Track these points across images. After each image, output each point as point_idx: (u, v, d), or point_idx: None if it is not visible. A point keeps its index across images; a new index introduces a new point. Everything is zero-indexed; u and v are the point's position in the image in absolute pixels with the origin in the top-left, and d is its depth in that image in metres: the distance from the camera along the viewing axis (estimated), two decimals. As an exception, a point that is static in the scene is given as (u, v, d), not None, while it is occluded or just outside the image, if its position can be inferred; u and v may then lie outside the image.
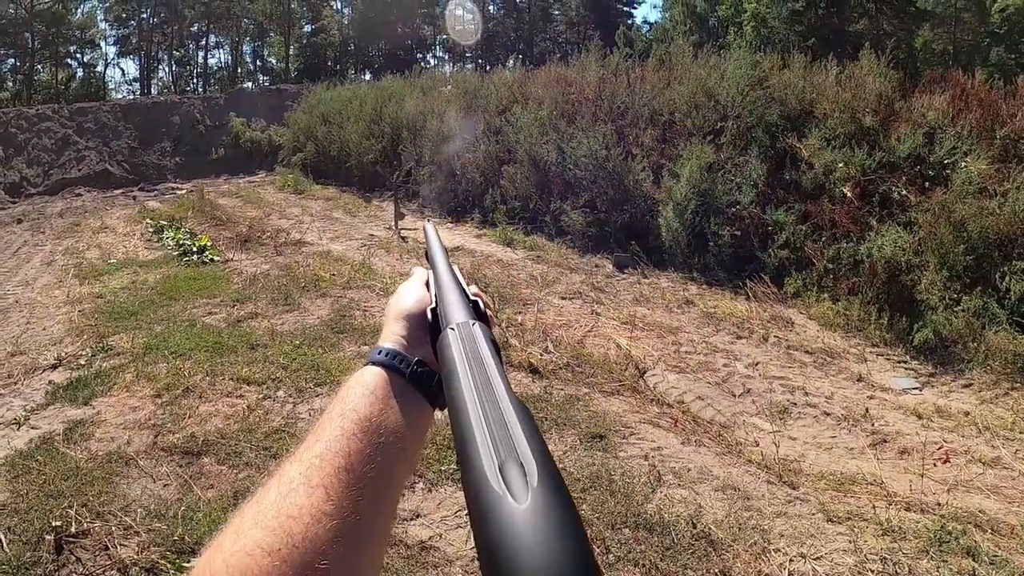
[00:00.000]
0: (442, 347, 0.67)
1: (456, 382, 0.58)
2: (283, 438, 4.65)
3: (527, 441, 0.48)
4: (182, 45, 51.42)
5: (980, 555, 3.52)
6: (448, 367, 0.62)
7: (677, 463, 4.44)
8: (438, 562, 3.48)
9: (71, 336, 6.96)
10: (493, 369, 0.59)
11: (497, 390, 0.55)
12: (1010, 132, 8.18)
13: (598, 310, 7.89)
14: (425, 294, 0.86)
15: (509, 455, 0.46)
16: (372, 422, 0.69)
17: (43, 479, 4.14)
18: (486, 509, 0.43)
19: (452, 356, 0.63)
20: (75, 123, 23.70)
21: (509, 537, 0.40)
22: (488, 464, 0.46)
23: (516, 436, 0.49)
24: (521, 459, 0.46)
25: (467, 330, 0.68)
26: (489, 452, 0.47)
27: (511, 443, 0.48)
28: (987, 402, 5.78)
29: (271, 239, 11.50)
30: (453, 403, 0.56)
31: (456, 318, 0.71)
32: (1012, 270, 6.83)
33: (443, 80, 19.57)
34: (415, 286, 0.89)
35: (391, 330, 0.83)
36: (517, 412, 0.52)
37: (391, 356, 0.77)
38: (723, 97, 10.75)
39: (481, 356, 0.62)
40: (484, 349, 0.63)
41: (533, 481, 0.43)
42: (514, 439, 0.48)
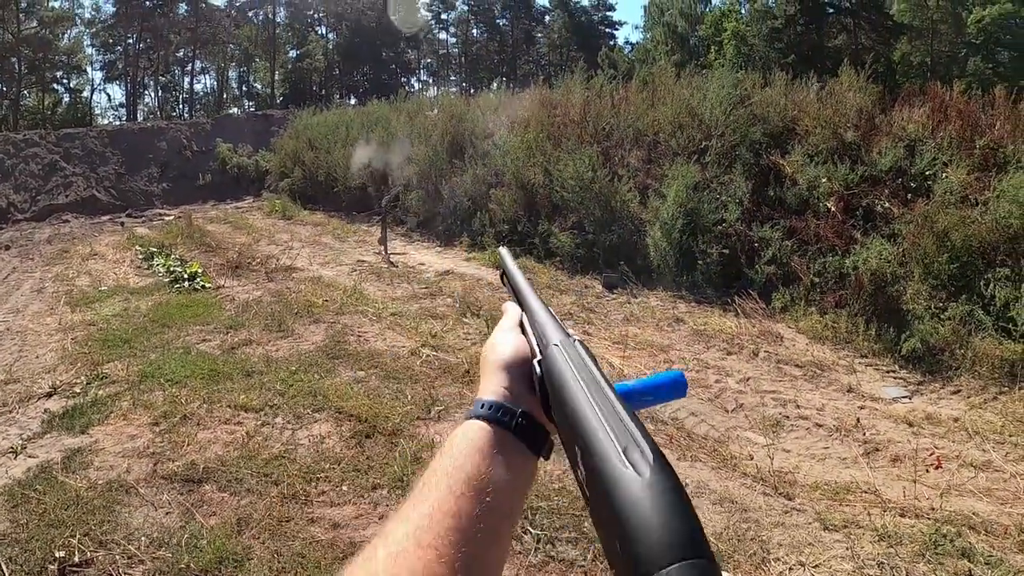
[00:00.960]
0: (549, 364, 0.72)
1: (569, 390, 0.65)
2: (283, 464, 4.67)
3: (640, 431, 0.56)
4: (168, 70, 51.48)
5: (975, 556, 3.58)
6: (559, 379, 0.68)
7: (674, 478, 4.47)
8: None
9: (65, 364, 6.93)
10: (598, 374, 0.66)
11: (606, 391, 0.63)
12: (989, 141, 8.32)
13: (589, 331, 7.93)
14: (522, 342, 0.86)
15: (628, 442, 0.54)
16: (480, 480, 0.69)
17: (43, 508, 4.13)
18: (616, 482, 0.51)
19: (561, 368, 0.69)
20: (62, 149, 23.65)
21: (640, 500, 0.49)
22: (613, 450, 0.54)
23: (630, 427, 0.56)
24: (639, 444, 0.54)
25: (570, 347, 0.73)
26: (612, 441, 0.55)
27: (627, 432, 0.56)
28: (976, 407, 5.85)
29: (261, 265, 11.50)
30: (569, 409, 0.63)
31: (555, 336, 0.77)
32: (996, 277, 6.93)
33: (428, 104, 19.66)
34: (510, 334, 0.88)
35: (492, 381, 0.81)
36: (628, 410, 0.59)
37: (495, 409, 0.76)
38: (706, 116, 10.86)
39: (589, 370, 0.68)
40: (588, 361, 0.70)
41: (649, 459, 0.52)
42: (629, 429, 0.56)
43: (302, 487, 4.36)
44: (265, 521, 3.97)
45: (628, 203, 10.74)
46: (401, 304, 8.94)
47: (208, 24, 50.20)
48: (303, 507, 4.14)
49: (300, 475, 4.50)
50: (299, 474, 4.51)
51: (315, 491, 4.33)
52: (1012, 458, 4.96)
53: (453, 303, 8.84)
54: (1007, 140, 8.32)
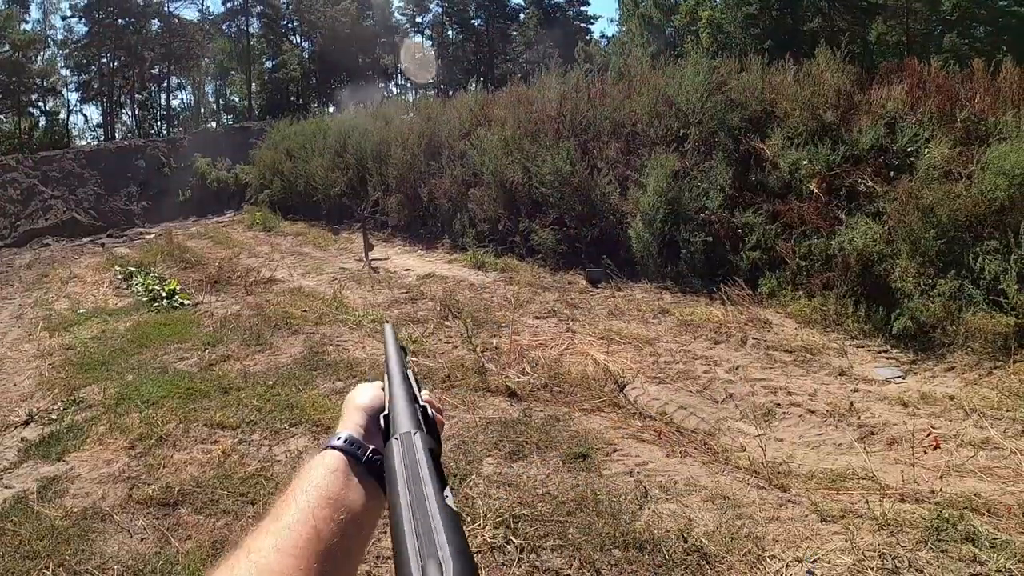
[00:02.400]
0: (386, 455, 0.74)
1: (394, 490, 0.66)
2: (260, 482, 4.55)
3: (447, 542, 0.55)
4: (144, 88, 51.15)
5: (980, 539, 3.47)
6: (390, 476, 0.70)
7: (663, 476, 4.36)
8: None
9: (42, 390, 6.79)
10: (426, 477, 0.66)
11: (428, 498, 0.62)
12: (970, 114, 8.29)
13: (573, 327, 7.84)
14: (380, 395, 0.95)
15: (431, 556, 0.54)
16: (335, 498, 0.76)
17: (18, 540, 4.02)
18: None
19: (393, 465, 0.70)
20: (40, 172, 23.46)
21: None
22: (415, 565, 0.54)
23: (440, 539, 0.56)
24: (441, 560, 0.53)
25: (408, 440, 0.74)
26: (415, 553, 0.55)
27: (434, 545, 0.55)
28: (971, 384, 5.78)
29: (241, 279, 11.37)
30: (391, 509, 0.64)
31: (401, 427, 0.78)
32: (984, 250, 6.87)
33: (404, 108, 19.57)
34: (374, 388, 0.99)
35: (350, 419, 0.90)
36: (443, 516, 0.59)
37: (350, 443, 0.84)
38: (683, 104, 10.80)
39: (418, 465, 0.69)
40: (421, 458, 0.70)
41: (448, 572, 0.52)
42: (437, 542, 0.55)
43: (279, 506, 4.22)
44: (240, 540, 3.82)
45: (608, 196, 10.67)
46: (382, 310, 8.84)
47: (182, 39, 49.94)
48: (280, 527, 4.00)
49: (276, 493, 4.35)
50: (276, 492, 4.36)
51: (292, 510, 4.19)
52: (1011, 434, 4.88)
53: (434, 307, 8.73)
54: (988, 112, 8.30)
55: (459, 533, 0.57)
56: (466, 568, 0.53)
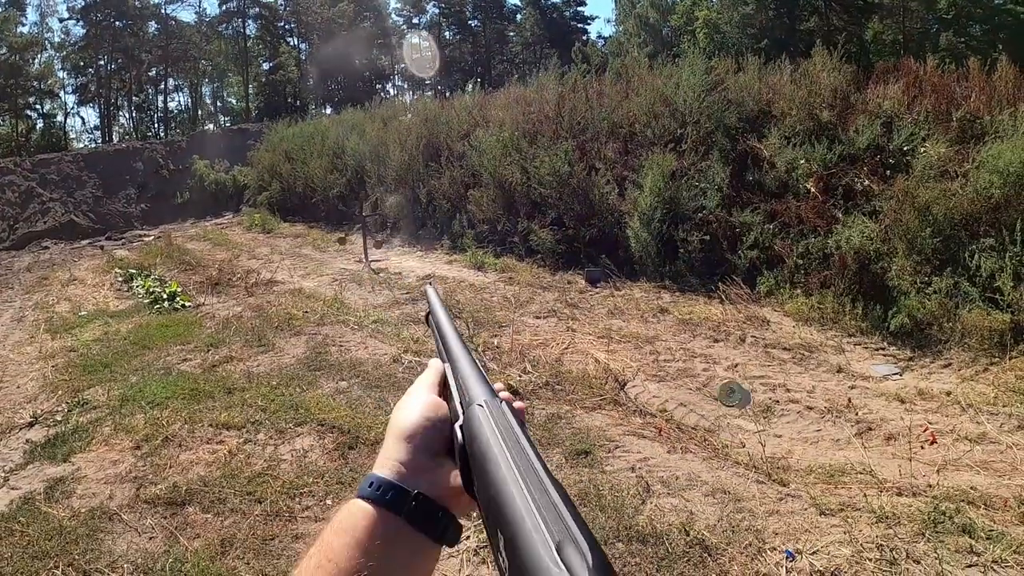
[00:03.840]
0: (470, 426, 0.64)
1: (492, 461, 0.56)
2: (266, 481, 4.57)
3: (577, 523, 0.46)
4: (141, 90, 51.05)
5: (976, 531, 3.53)
6: (482, 448, 0.60)
7: (665, 472, 4.42)
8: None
9: (46, 392, 6.81)
10: (529, 450, 0.57)
11: (538, 471, 0.53)
12: (966, 113, 8.33)
13: (574, 326, 7.88)
14: (436, 404, 0.75)
15: (564, 536, 0.45)
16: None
17: (27, 540, 4.03)
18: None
19: (486, 437, 0.60)
20: (38, 175, 23.44)
21: None
22: (544, 546, 0.45)
23: (566, 517, 0.47)
24: (575, 540, 0.45)
25: (496, 408, 0.64)
26: (544, 534, 0.46)
27: (563, 525, 0.46)
28: (967, 380, 5.83)
29: (242, 280, 11.39)
30: (491, 483, 0.54)
31: (480, 395, 0.67)
32: (980, 248, 6.92)
33: (402, 109, 19.59)
34: (423, 394, 0.77)
35: (388, 453, 0.71)
36: (560, 494, 0.50)
37: (384, 490, 0.67)
38: (680, 104, 10.85)
39: (516, 435, 0.59)
40: (517, 428, 0.61)
41: (588, 560, 0.43)
42: (565, 520, 0.47)
43: (286, 504, 4.27)
44: (249, 541, 3.88)
45: (607, 196, 10.71)
46: (382, 311, 8.86)
47: (179, 41, 49.88)
48: (287, 524, 4.05)
49: (284, 491, 4.41)
50: (282, 490, 4.41)
51: (299, 507, 4.24)
52: (1007, 429, 4.93)
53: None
54: (983, 111, 8.33)
55: (578, 512, 0.49)
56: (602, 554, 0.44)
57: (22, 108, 45.10)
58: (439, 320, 0.94)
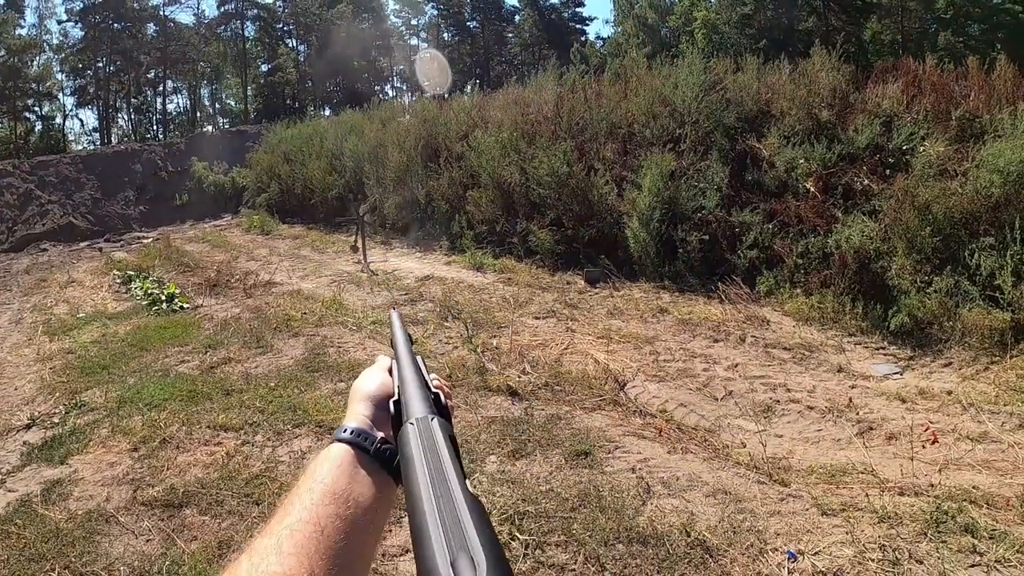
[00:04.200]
0: (402, 441, 0.70)
1: (413, 477, 0.62)
2: (264, 483, 4.56)
3: (478, 535, 0.51)
4: (140, 92, 51.13)
5: (978, 531, 3.51)
6: (406, 462, 0.65)
7: (665, 473, 4.40)
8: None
9: (43, 394, 6.80)
10: (448, 464, 0.62)
11: (451, 485, 0.58)
12: (965, 112, 8.32)
13: (573, 327, 7.86)
14: (388, 380, 0.91)
15: (461, 549, 0.49)
16: (340, 494, 0.73)
17: (23, 543, 4.02)
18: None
19: (411, 452, 0.66)
20: (36, 177, 23.42)
21: None
22: (441, 559, 0.49)
23: (468, 530, 0.51)
24: (472, 553, 0.49)
25: (425, 425, 0.70)
26: (442, 547, 0.50)
27: (463, 537, 0.51)
28: (968, 379, 5.82)
29: (240, 282, 11.38)
30: (410, 498, 0.59)
31: (416, 412, 0.74)
32: (980, 247, 6.90)
33: (401, 110, 19.58)
34: (378, 372, 0.94)
35: (356, 410, 0.87)
36: (470, 506, 0.55)
37: (356, 434, 0.81)
38: (679, 104, 10.84)
39: (438, 451, 0.64)
40: (441, 444, 0.66)
41: (481, 572, 0.47)
42: (466, 534, 0.51)
43: (284, 506, 4.24)
44: (247, 543, 3.84)
45: (606, 196, 10.69)
46: (381, 312, 8.84)
47: (177, 43, 49.91)
48: (285, 526, 4.02)
49: (281, 493, 4.38)
50: (280, 492, 4.39)
51: (297, 509, 4.21)
52: (1008, 428, 4.91)
53: (434, 308, 8.75)
54: (983, 110, 8.32)
55: (487, 524, 0.53)
56: (500, 562, 0.48)
57: (20, 110, 45.11)
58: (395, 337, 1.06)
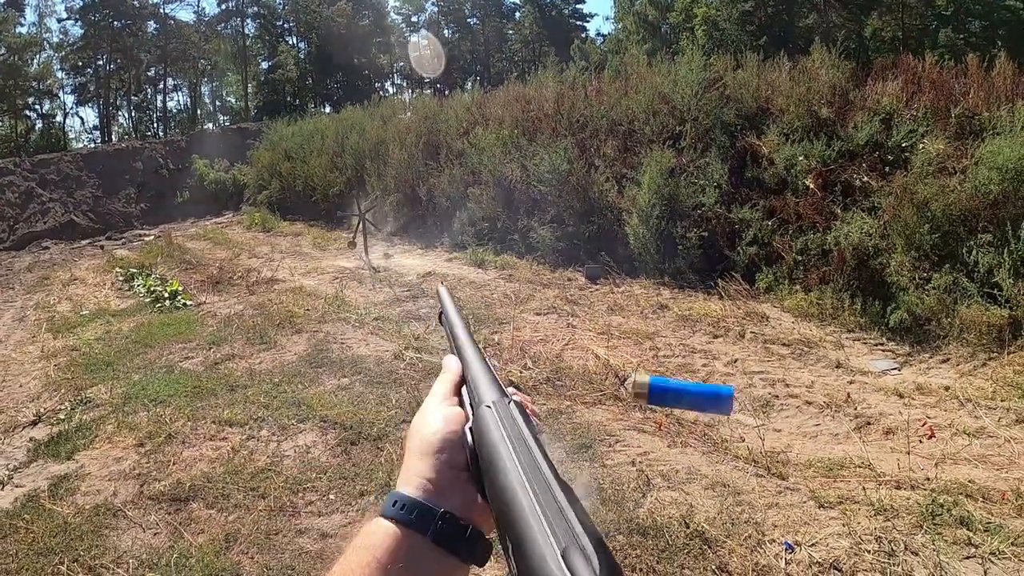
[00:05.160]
0: (479, 428, 0.63)
1: (501, 465, 0.56)
2: (269, 477, 4.61)
3: (583, 527, 0.47)
4: (140, 90, 50.96)
5: (973, 524, 3.56)
6: (490, 451, 0.59)
7: (665, 466, 4.45)
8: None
9: (48, 391, 6.84)
10: (536, 451, 0.57)
11: (544, 473, 0.53)
12: (964, 110, 8.33)
13: (574, 323, 7.91)
14: (455, 416, 0.71)
15: (570, 542, 0.45)
16: None
17: (31, 537, 4.07)
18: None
19: (494, 439, 0.60)
20: (37, 175, 23.39)
21: None
22: (550, 552, 0.45)
23: (572, 522, 0.47)
24: (581, 545, 0.45)
25: (504, 408, 0.64)
26: (549, 540, 0.46)
27: (569, 530, 0.46)
28: (966, 375, 5.86)
29: (242, 279, 11.41)
30: (499, 486, 0.54)
31: (489, 396, 0.67)
32: (978, 244, 6.94)
33: (402, 107, 19.59)
34: (443, 404, 0.74)
35: (413, 469, 0.68)
36: (567, 497, 0.50)
37: (409, 509, 0.64)
38: (679, 101, 10.85)
39: (523, 437, 0.59)
40: (524, 429, 0.60)
41: (595, 567, 0.43)
42: (571, 526, 0.47)
43: (289, 499, 4.30)
44: (253, 536, 3.91)
45: (606, 193, 10.72)
46: (383, 308, 8.88)
47: (177, 41, 49.81)
48: (291, 519, 4.09)
49: (287, 487, 4.44)
50: (286, 486, 4.45)
51: (302, 502, 4.27)
52: (1005, 423, 4.95)
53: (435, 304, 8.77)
54: (982, 107, 8.32)
55: (587, 514, 0.49)
56: (610, 557, 0.44)
57: (21, 108, 44.98)
58: (452, 321, 0.94)
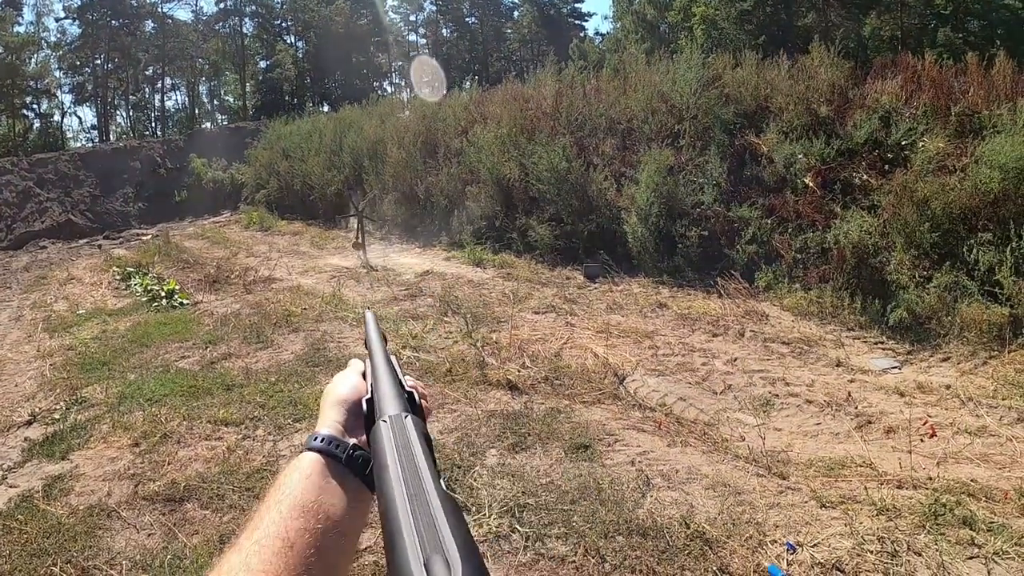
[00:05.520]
0: (374, 440, 0.69)
1: (386, 475, 0.60)
2: (265, 477, 4.57)
3: (452, 535, 0.50)
4: (138, 89, 51.02)
5: (976, 523, 3.53)
6: (379, 460, 0.64)
7: (665, 465, 4.41)
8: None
9: (44, 391, 6.80)
10: (422, 462, 0.61)
11: (425, 484, 0.57)
12: (964, 108, 8.32)
13: (572, 321, 7.88)
14: (361, 383, 0.89)
15: (435, 550, 0.48)
16: (309, 506, 0.71)
17: (25, 538, 4.03)
18: None
19: (383, 449, 0.65)
20: (35, 174, 23.38)
21: None
22: (414, 560, 0.48)
23: (442, 530, 0.50)
24: (447, 554, 0.48)
25: (399, 422, 0.69)
26: (415, 547, 0.49)
27: (437, 538, 0.50)
28: (967, 373, 5.83)
29: (240, 278, 11.39)
30: (383, 496, 0.58)
31: (389, 410, 0.73)
32: (978, 242, 6.92)
33: (400, 106, 19.57)
34: (351, 375, 0.93)
35: (327, 416, 0.85)
36: (444, 505, 0.54)
37: (327, 441, 0.79)
38: (677, 100, 10.83)
39: (412, 449, 0.64)
40: (414, 441, 0.65)
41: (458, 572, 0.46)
42: (440, 534, 0.50)
43: (285, 499, 4.26)
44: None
45: (604, 192, 10.71)
46: (381, 307, 8.85)
47: (175, 40, 49.83)
48: (286, 520, 4.04)
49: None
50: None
51: (298, 503, 4.23)
52: (1007, 422, 4.93)
53: (433, 303, 8.76)
54: (982, 106, 8.30)
55: (463, 524, 0.52)
56: (475, 563, 0.47)
57: (19, 108, 44.97)
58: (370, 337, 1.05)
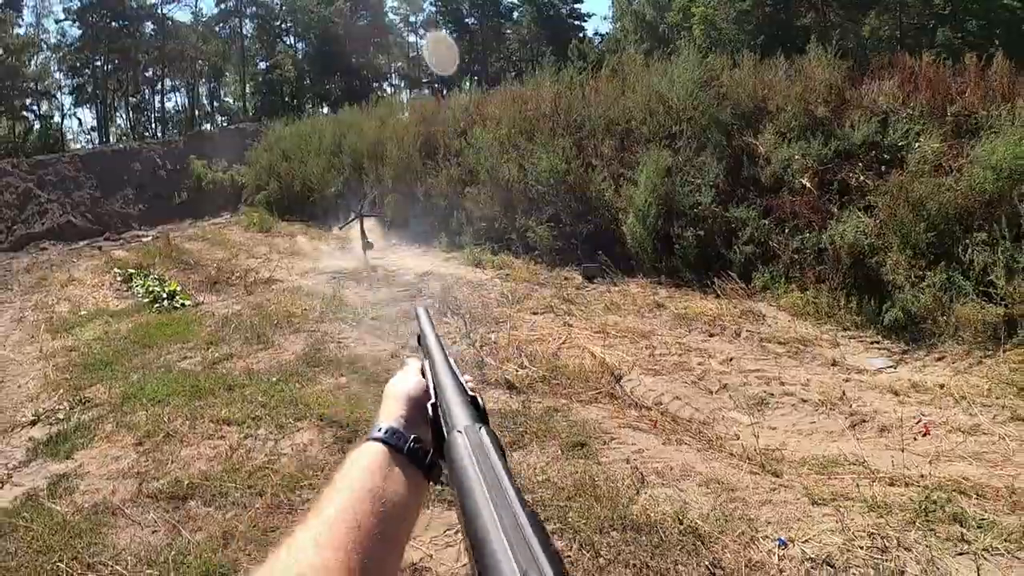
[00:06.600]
0: (452, 452, 0.67)
1: (468, 487, 0.60)
2: (267, 475, 4.62)
3: (544, 552, 0.49)
4: (138, 91, 50.99)
5: (967, 520, 3.58)
6: (459, 473, 0.63)
7: (659, 463, 4.47)
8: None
9: (47, 391, 6.84)
10: (503, 476, 0.60)
11: (511, 499, 0.56)
12: (960, 109, 8.36)
13: (570, 322, 7.92)
14: (421, 381, 0.95)
15: (530, 566, 0.47)
16: (376, 491, 0.77)
17: (31, 536, 4.07)
18: None
19: (463, 463, 0.64)
20: (35, 176, 23.37)
21: None
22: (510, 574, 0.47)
23: (534, 547, 0.49)
24: (540, 569, 0.47)
25: (475, 434, 0.68)
26: (511, 562, 0.48)
27: (530, 554, 0.49)
28: (961, 372, 5.87)
29: (240, 279, 11.43)
30: (467, 511, 0.57)
31: (460, 420, 0.72)
32: (974, 242, 6.97)
33: (400, 107, 19.60)
34: (412, 374, 0.98)
35: (390, 409, 0.91)
36: (531, 522, 0.53)
37: (390, 434, 0.85)
38: (675, 101, 10.85)
39: (491, 462, 0.63)
40: (493, 456, 0.64)
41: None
42: (532, 550, 0.49)
43: (287, 496, 4.32)
44: (251, 533, 3.93)
45: (603, 192, 10.74)
46: (381, 308, 8.89)
47: (175, 41, 49.82)
48: (288, 516, 4.10)
49: (284, 485, 4.46)
50: (283, 484, 4.46)
51: (300, 499, 4.29)
52: (1000, 420, 4.97)
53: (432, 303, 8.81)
54: (978, 106, 8.34)
55: (550, 541, 0.51)
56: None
57: (19, 109, 45.02)
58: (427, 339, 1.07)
